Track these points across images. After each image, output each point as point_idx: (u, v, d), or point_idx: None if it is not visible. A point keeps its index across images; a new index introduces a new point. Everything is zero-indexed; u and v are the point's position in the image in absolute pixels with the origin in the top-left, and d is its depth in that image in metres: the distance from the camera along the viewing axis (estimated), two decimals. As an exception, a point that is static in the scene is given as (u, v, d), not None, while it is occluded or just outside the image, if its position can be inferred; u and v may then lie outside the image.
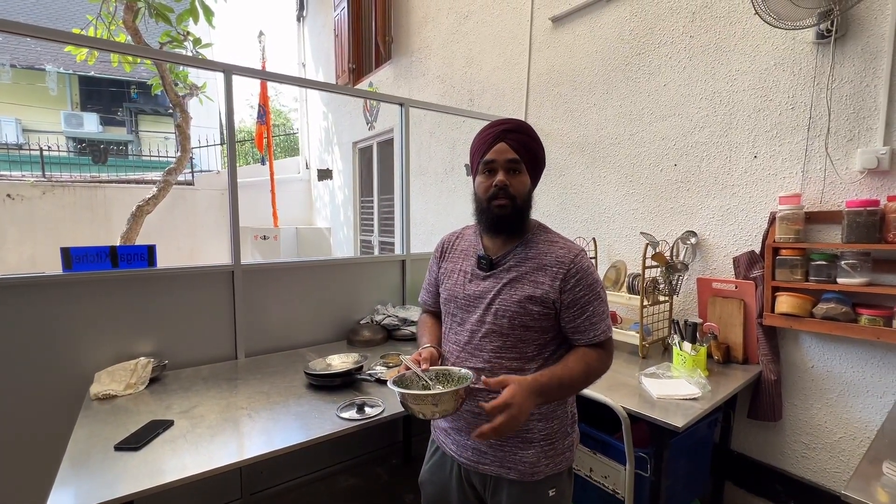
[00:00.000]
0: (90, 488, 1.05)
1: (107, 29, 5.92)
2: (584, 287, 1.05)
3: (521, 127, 1.08)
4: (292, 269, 2.22)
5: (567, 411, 1.14)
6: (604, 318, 1.08)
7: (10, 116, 11.05)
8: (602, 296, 1.08)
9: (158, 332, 1.86)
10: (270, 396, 1.59)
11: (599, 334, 1.06)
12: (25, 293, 1.61)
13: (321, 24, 6.41)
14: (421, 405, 0.92)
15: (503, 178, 1.05)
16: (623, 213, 2.46)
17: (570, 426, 1.14)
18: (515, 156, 1.05)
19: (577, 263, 1.06)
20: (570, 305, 1.05)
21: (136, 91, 11.75)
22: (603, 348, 1.08)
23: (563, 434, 1.11)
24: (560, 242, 1.10)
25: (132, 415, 1.43)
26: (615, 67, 2.44)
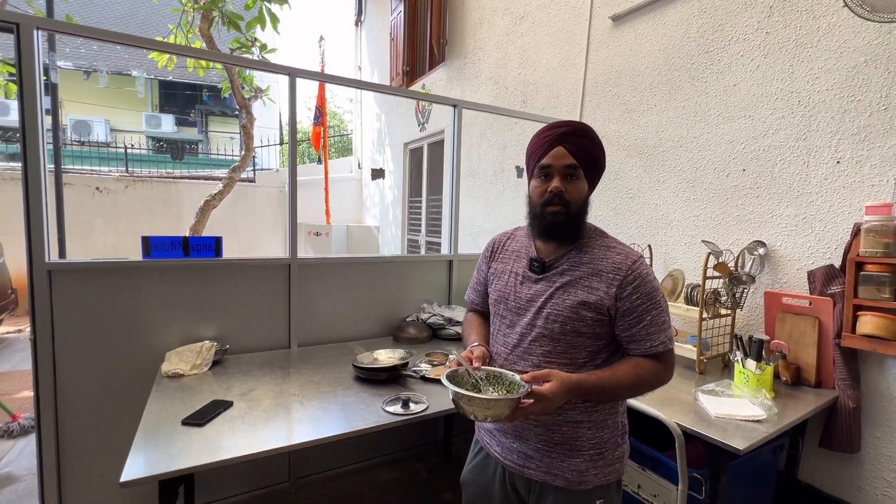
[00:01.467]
0: (159, 458, 1.14)
1: (185, 37, 6.40)
2: (641, 295, 1.01)
3: (581, 130, 1.04)
4: (344, 265, 2.30)
5: (618, 422, 1.10)
6: (663, 329, 1.02)
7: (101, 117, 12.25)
8: (662, 305, 1.03)
9: (221, 318, 1.99)
10: (321, 386, 1.65)
11: (657, 345, 1.02)
12: (111, 277, 1.78)
13: (378, 28, 6.59)
14: (474, 407, 0.91)
15: (558, 185, 1.02)
16: (682, 220, 2.33)
17: (621, 437, 1.10)
18: (573, 161, 1.01)
19: (635, 270, 1.02)
20: (627, 313, 1.02)
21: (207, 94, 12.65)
22: (660, 360, 1.03)
23: (614, 444, 1.08)
24: (618, 248, 1.07)
25: (196, 393, 1.54)
26: (680, 66, 2.33)
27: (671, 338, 1.04)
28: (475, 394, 0.92)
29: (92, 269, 1.74)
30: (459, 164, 2.56)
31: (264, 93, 7.17)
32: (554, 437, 1.05)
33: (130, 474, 1.06)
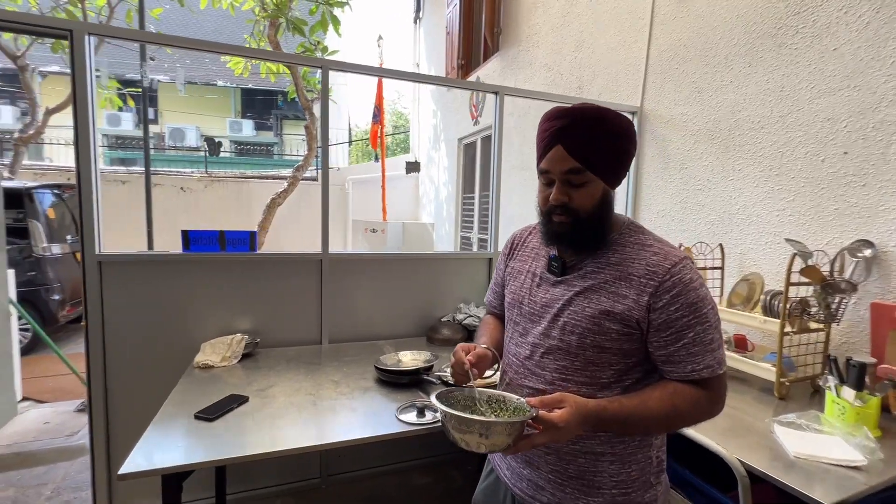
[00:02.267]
0: (164, 452, 1.13)
1: (257, 45, 6.81)
2: (682, 306, 0.80)
3: (584, 119, 0.82)
4: (378, 261, 2.24)
5: (651, 457, 0.90)
6: (710, 349, 0.81)
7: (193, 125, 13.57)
8: (710, 319, 0.81)
9: (256, 311, 2.01)
10: (339, 386, 1.59)
11: (701, 369, 0.81)
12: (154, 268, 1.86)
13: (434, 23, 6.54)
14: (465, 433, 0.75)
15: (558, 195, 0.84)
16: (763, 215, 1.98)
17: (655, 476, 0.90)
18: (575, 164, 0.82)
19: (676, 275, 0.81)
20: (662, 328, 0.82)
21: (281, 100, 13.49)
22: (705, 388, 0.82)
23: (645, 485, 0.88)
24: (655, 247, 0.86)
25: (219, 385, 1.55)
26: (762, 34, 1.97)
27: (721, 361, 0.82)
28: (468, 415, 0.77)
29: (137, 262, 1.83)
30: (500, 156, 2.40)
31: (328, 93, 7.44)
32: (568, 468, 0.88)
33: (130, 467, 1.06)
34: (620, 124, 0.84)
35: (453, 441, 0.78)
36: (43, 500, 2.07)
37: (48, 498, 2.09)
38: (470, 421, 0.74)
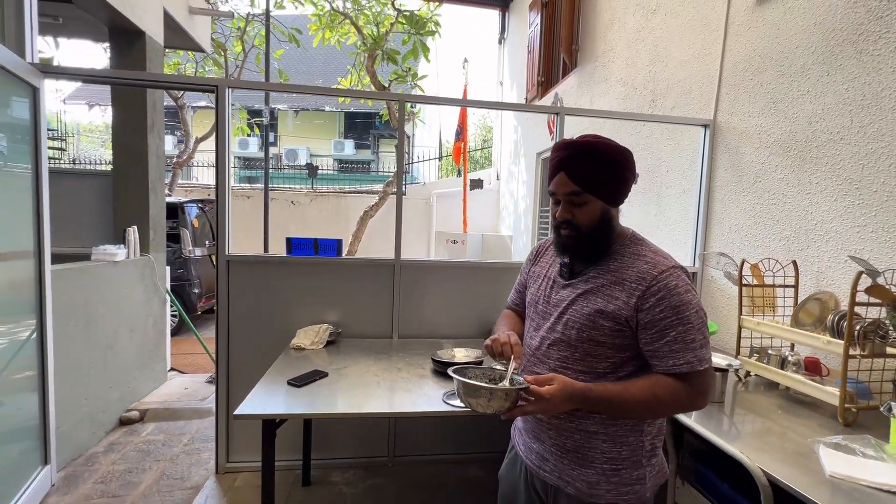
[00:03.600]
0: (264, 405, 1.49)
1: (357, 74, 7.62)
2: (666, 308, 0.93)
3: (581, 152, 0.97)
4: (444, 268, 2.50)
5: (643, 442, 1.01)
6: (691, 348, 0.92)
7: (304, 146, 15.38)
8: (693, 321, 0.93)
9: (340, 306, 2.39)
10: (401, 372, 1.87)
11: (681, 364, 0.92)
12: (266, 267, 2.33)
13: (517, 43, 6.77)
14: (473, 398, 0.95)
15: (563, 213, 1.00)
16: (842, 231, 1.85)
17: (646, 458, 1.01)
18: (575, 187, 0.97)
19: (661, 281, 0.94)
20: (648, 326, 0.94)
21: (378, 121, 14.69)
22: (686, 382, 0.93)
23: (635, 464, 1.00)
24: (647, 257, 0.99)
25: (308, 363, 1.92)
26: (842, 41, 1.87)
27: (702, 359, 0.93)
28: (477, 383, 0.97)
29: (254, 262, 2.31)
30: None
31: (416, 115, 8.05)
32: (566, 443, 1.03)
33: (241, 410, 1.43)
34: (614, 153, 0.99)
35: (465, 404, 0.98)
36: (181, 446, 2.66)
37: (185, 444, 2.68)
38: (477, 388, 0.95)
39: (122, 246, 2.98)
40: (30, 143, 2.10)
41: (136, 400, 3.13)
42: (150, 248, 3.31)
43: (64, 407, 2.37)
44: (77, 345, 2.54)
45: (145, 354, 3.27)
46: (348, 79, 7.85)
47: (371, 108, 13.51)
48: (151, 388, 3.35)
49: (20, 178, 2.07)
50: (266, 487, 1.50)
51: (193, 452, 2.60)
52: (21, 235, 2.06)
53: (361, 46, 6.94)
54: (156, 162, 3.34)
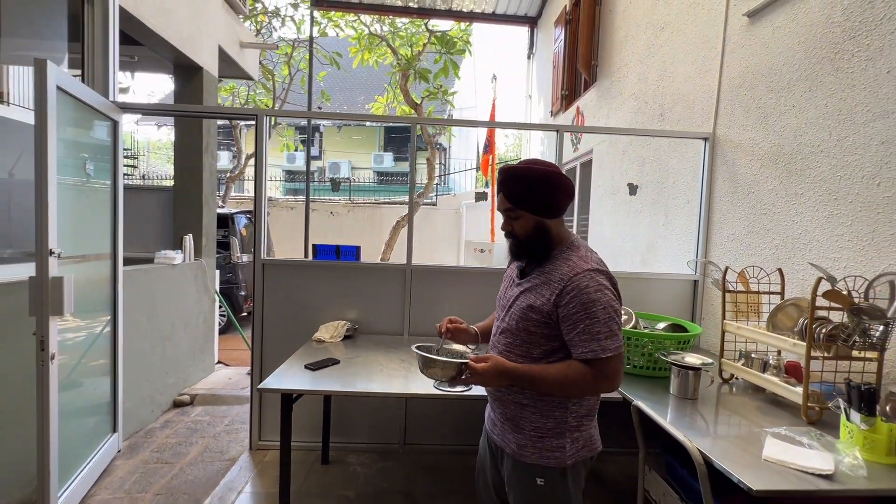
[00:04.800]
0: (283, 383, 1.79)
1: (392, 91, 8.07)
2: (577, 304, 1.12)
3: (512, 176, 1.17)
4: (453, 273, 2.74)
5: (567, 417, 1.19)
6: (596, 339, 1.10)
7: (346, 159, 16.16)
8: (599, 316, 1.09)
9: (358, 306, 2.68)
10: (403, 362, 2.12)
11: (587, 352, 1.11)
12: (295, 270, 2.66)
13: (545, 58, 6.94)
14: (429, 368, 1.23)
15: (504, 226, 1.25)
16: (822, 240, 1.92)
17: (570, 432, 1.19)
18: (509, 204, 1.19)
19: (574, 281, 1.13)
20: (564, 320, 1.14)
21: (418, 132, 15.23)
22: (591, 367, 1.11)
23: (557, 434, 1.19)
24: (572, 261, 1.19)
25: (324, 353, 2.21)
26: (821, 58, 1.96)
27: (605, 349, 1.09)
28: (430, 356, 1.23)
29: (283, 265, 2.66)
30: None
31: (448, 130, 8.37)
32: (507, 412, 1.25)
33: (265, 385, 1.73)
34: (540, 176, 1.17)
35: (424, 374, 1.23)
36: (223, 426, 3.04)
37: (226, 425, 3.05)
38: (431, 360, 1.20)
39: (180, 251, 3.45)
40: (109, 165, 2.56)
41: (188, 386, 3.57)
42: (202, 254, 3.78)
43: (129, 388, 2.81)
44: (141, 335, 2.99)
45: (196, 347, 3.72)
46: (385, 96, 8.35)
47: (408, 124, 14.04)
48: (201, 377, 3.79)
49: (102, 192, 2.53)
50: (283, 454, 1.79)
51: (233, 432, 2.97)
52: (101, 241, 2.51)
53: (396, 66, 7.40)
54: (209, 178, 3.83)
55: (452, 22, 7.53)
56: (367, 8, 6.75)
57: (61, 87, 2.00)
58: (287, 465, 1.82)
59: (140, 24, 3.00)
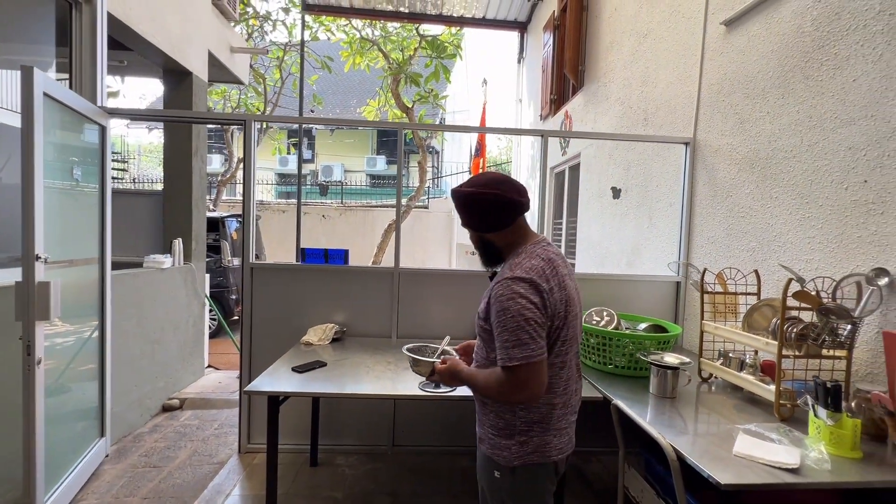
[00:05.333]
0: (270, 385, 1.81)
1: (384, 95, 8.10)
2: (495, 312, 1.16)
3: (454, 198, 1.28)
4: (440, 276, 2.77)
5: (515, 421, 1.22)
6: (504, 347, 1.12)
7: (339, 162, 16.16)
8: (506, 325, 1.11)
9: (345, 309, 2.71)
10: (390, 365, 2.15)
11: (500, 359, 1.14)
12: (283, 273, 2.69)
13: (535, 62, 7.03)
14: (414, 366, 1.49)
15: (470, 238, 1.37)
16: (796, 243, 1.99)
17: (518, 435, 1.22)
18: (461, 220, 1.32)
19: (494, 290, 1.18)
20: (494, 327, 1.18)
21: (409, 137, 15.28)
22: (505, 374, 1.13)
23: (507, 434, 1.23)
24: (505, 268, 1.23)
25: (313, 355, 2.23)
26: (793, 67, 2.03)
27: (511, 357, 1.10)
28: (411, 354, 1.48)
29: (272, 269, 2.68)
30: (544, 194, 2.75)
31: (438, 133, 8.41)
32: (478, 408, 1.33)
33: (252, 387, 1.75)
34: (466, 196, 1.24)
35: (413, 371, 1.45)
36: (212, 430, 3.04)
37: (216, 429, 3.06)
38: (414, 359, 1.38)
39: (169, 255, 3.46)
40: (97, 169, 2.57)
41: (178, 390, 3.57)
42: (192, 257, 3.79)
43: (117, 392, 2.81)
44: (130, 339, 2.99)
45: (186, 350, 3.72)
46: (377, 100, 8.39)
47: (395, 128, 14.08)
48: (190, 381, 3.79)
49: (90, 196, 2.54)
50: (270, 456, 1.81)
51: (222, 435, 2.97)
52: (89, 245, 2.52)
53: (388, 70, 7.44)
54: (199, 182, 3.84)
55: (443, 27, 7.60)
56: (357, 12, 6.79)
57: (48, 93, 2.01)
58: (274, 467, 1.85)
59: (129, 29, 3.01)
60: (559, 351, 1.19)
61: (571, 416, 1.30)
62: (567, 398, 1.25)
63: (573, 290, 1.23)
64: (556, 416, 1.23)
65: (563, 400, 1.23)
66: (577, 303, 1.24)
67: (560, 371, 1.21)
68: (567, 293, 1.18)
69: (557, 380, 1.21)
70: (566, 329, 1.19)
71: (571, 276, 1.26)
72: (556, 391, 1.21)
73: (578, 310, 1.26)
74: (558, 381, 1.21)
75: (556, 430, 1.23)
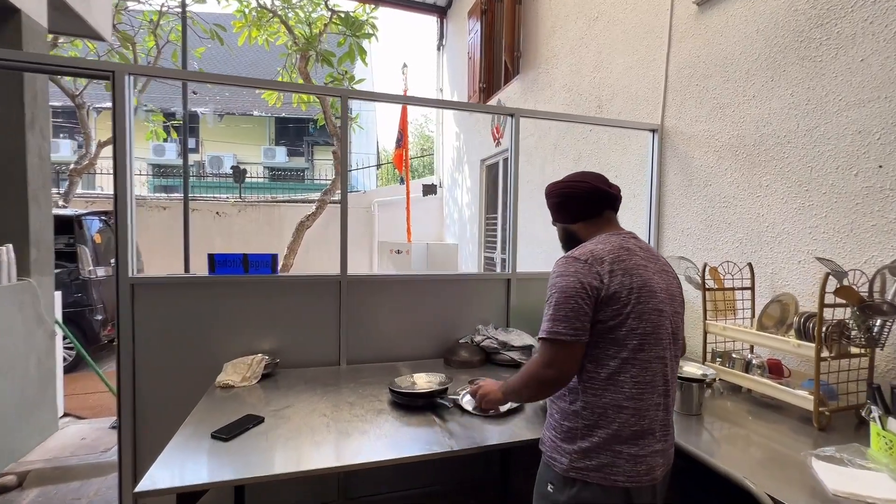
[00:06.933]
0: (180, 471, 1.16)
1: (289, 76, 7.15)
2: (547, 287, 1.14)
3: (551, 190, 1.30)
4: (396, 283, 2.26)
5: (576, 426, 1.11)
6: (545, 319, 1.10)
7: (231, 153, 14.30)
8: (550, 299, 1.11)
9: (276, 332, 2.06)
10: (354, 408, 1.60)
11: (539, 332, 1.12)
12: (183, 290, 1.94)
13: (457, 49, 6.72)
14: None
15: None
16: (793, 233, 1.88)
17: (580, 440, 1.10)
18: (553, 216, 1.34)
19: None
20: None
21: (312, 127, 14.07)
22: (539, 347, 1.13)
23: (568, 438, 1.12)
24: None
25: (238, 405, 1.58)
26: (784, 47, 1.92)
27: (546, 330, 1.09)
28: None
29: (167, 284, 1.92)
30: (517, 178, 2.41)
31: (353, 120, 7.71)
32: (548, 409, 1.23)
33: (146, 485, 1.09)
34: (550, 191, 1.30)
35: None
36: (75, 515, 2.15)
37: (80, 513, 2.17)
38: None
39: (-8, 269, 2.41)
40: None
41: (13, 461, 2.52)
42: (31, 271, 2.72)
43: None
44: (-79, 400, 1.96)
45: (26, 402, 2.66)
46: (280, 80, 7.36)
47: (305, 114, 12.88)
48: (36, 443, 2.73)
49: None
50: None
51: (91, 522, 2.11)
52: None
53: (293, 47, 6.52)
54: (38, 165, 2.77)
55: (356, 3, 6.90)
56: (254, -26, 5.81)
57: None
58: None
59: None
60: (627, 344, 1.08)
61: (651, 440, 1.09)
62: (641, 407, 1.08)
63: (659, 283, 1.14)
64: (625, 425, 1.07)
65: (636, 407, 1.08)
66: (663, 299, 1.13)
67: (629, 367, 1.08)
68: (642, 282, 1.10)
69: (624, 376, 1.08)
70: (636, 320, 1.08)
71: (661, 270, 1.18)
72: (622, 390, 1.08)
73: (666, 307, 1.13)
74: (625, 378, 1.08)
75: (628, 450, 1.07)
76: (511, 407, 1.55)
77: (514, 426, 1.46)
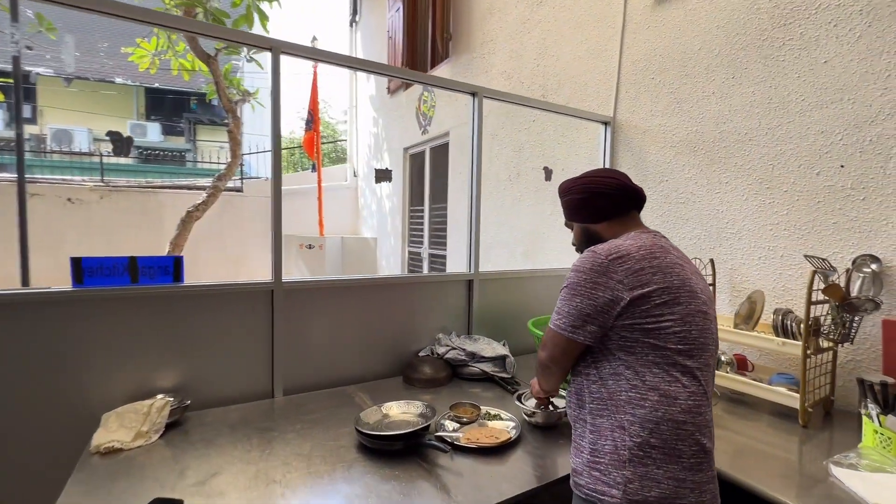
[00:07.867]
0: None
1: (167, 37, 5.97)
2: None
3: (560, 192, 1.22)
4: (341, 289, 1.84)
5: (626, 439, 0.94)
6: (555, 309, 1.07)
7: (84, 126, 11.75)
8: (562, 293, 1.05)
9: (183, 362, 1.52)
10: (312, 462, 1.19)
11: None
12: (31, 311, 1.31)
13: (373, 27, 6.22)
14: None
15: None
16: (754, 230, 1.92)
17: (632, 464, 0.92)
18: (567, 214, 1.22)
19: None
20: None
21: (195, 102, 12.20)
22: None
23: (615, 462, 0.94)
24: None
25: (135, 480, 1.08)
26: (746, 45, 1.93)
27: (553, 322, 1.06)
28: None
29: (6, 303, 1.28)
30: (480, 164, 2.15)
31: (253, 96, 6.75)
32: (574, 432, 1.08)
33: None
34: (572, 188, 1.17)
35: None
36: None
37: None
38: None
39: None
40: None
41: None
42: None
43: None
44: None
45: None
46: (152, 41, 6.07)
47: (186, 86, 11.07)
48: None
49: None
50: None
51: None
52: None
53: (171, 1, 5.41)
54: None
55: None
56: None
57: None
58: None
59: None
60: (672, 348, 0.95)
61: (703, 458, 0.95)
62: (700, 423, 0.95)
63: (698, 284, 1.03)
64: (684, 440, 0.93)
65: (690, 419, 0.94)
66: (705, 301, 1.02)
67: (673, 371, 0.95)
68: (681, 282, 0.98)
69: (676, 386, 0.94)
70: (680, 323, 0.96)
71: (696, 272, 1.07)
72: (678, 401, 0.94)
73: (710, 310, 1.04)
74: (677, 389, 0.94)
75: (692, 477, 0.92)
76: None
77: (519, 461, 1.20)
